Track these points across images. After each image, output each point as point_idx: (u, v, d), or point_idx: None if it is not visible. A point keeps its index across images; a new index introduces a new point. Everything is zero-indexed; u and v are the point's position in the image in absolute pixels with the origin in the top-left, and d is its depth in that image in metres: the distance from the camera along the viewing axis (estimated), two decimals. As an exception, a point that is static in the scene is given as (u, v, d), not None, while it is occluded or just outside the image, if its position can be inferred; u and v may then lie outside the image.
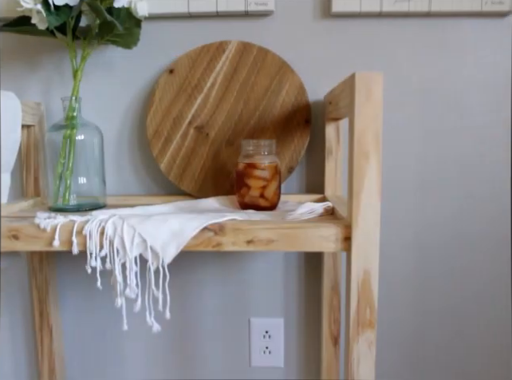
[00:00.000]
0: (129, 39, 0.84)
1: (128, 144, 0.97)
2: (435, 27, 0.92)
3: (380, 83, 0.60)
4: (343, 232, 0.64)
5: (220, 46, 0.91)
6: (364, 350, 0.64)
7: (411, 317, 1.01)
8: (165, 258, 0.63)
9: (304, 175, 0.96)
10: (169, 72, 0.92)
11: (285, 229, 0.64)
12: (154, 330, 0.66)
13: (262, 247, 0.64)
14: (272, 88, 0.90)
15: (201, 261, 1.00)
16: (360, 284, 0.63)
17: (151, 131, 0.91)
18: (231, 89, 0.91)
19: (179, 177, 0.91)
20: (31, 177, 0.94)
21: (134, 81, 0.95)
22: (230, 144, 0.90)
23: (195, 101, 0.91)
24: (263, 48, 0.91)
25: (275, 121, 0.90)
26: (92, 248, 0.64)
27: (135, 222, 0.64)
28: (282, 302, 1.00)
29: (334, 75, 0.93)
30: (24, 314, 1.04)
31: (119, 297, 0.65)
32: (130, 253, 0.63)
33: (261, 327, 1.01)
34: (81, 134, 0.85)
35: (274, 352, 1.01)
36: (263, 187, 0.79)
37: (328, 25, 0.93)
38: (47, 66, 0.97)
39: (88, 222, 0.65)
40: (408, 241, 0.98)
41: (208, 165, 0.91)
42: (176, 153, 0.91)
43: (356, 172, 0.61)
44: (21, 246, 0.66)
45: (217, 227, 0.64)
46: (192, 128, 0.91)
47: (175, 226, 0.64)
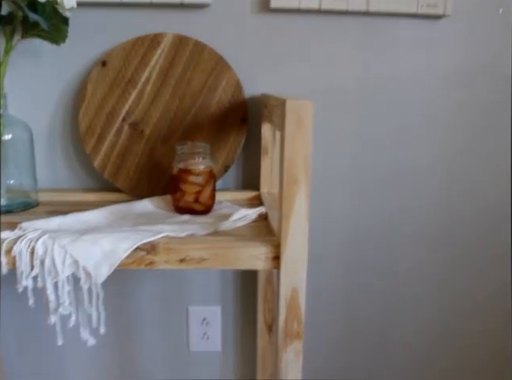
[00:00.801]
0: (56, 35, 0.80)
1: (60, 139, 0.94)
2: (373, 26, 0.92)
3: (310, 111, 0.61)
4: (272, 251, 0.66)
5: (155, 39, 0.89)
6: (292, 358, 0.68)
7: (338, 323, 1.07)
8: (98, 277, 0.64)
9: (240, 171, 0.97)
10: (102, 64, 0.88)
11: (217, 248, 0.66)
12: (89, 344, 0.67)
13: (195, 266, 0.66)
14: (208, 84, 0.89)
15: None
16: (288, 300, 0.66)
17: (84, 127, 0.89)
18: (167, 84, 0.89)
19: (114, 175, 0.90)
20: (-43, 172, 0.90)
21: (64, 73, 0.92)
22: (166, 142, 0.90)
23: (129, 96, 0.89)
24: (200, 42, 0.89)
25: (211, 119, 0.90)
26: (23, 268, 0.64)
27: (66, 242, 0.64)
28: (219, 291, 1.04)
29: (272, 71, 0.93)
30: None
31: (52, 315, 0.66)
32: (62, 273, 0.63)
33: (198, 314, 1.04)
34: (9, 133, 0.82)
35: (212, 338, 1.05)
36: (198, 192, 0.80)
37: (266, 20, 0.91)
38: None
39: (18, 242, 0.64)
40: (340, 243, 1.02)
41: (143, 163, 0.90)
42: (110, 151, 0.89)
43: (285, 197, 0.63)
44: None
45: (149, 247, 0.65)
46: (126, 124, 0.89)
47: (107, 247, 0.64)
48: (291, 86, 0.94)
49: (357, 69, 0.94)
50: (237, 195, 0.93)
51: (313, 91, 0.94)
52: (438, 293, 1.06)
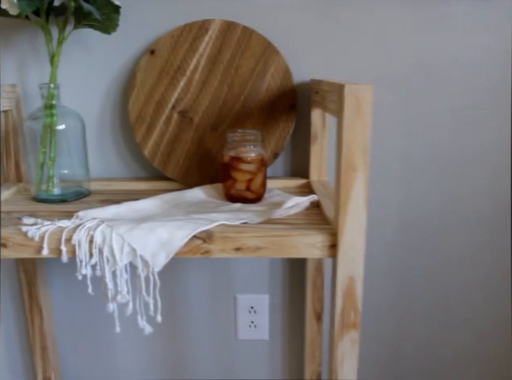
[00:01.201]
0: (108, 24, 0.80)
1: (110, 129, 0.95)
2: (428, 5, 0.89)
3: (369, 96, 0.59)
4: (329, 240, 0.65)
5: (203, 25, 0.88)
6: (348, 348, 0.68)
7: (391, 315, 1.05)
8: (155, 267, 0.64)
9: (288, 158, 0.96)
10: (150, 53, 0.88)
11: (273, 237, 0.65)
12: (146, 332, 0.68)
13: (250, 254, 0.65)
14: (257, 70, 0.88)
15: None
16: (344, 289, 0.65)
17: (134, 116, 0.89)
18: (215, 71, 0.88)
19: (164, 163, 0.90)
20: (11, 162, 0.92)
21: (113, 63, 0.92)
22: (215, 130, 0.89)
23: (178, 84, 0.88)
24: (248, 28, 0.87)
25: (260, 106, 0.89)
26: (82, 257, 0.64)
27: (124, 231, 0.64)
28: (267, 280, 1.03)
29: (321, 55, 0.91)
30: (13, 296, 1.05)
31: (110, 303, 0.66)
32: (120, 262, 0.64)
33: (246, 303, 1.04)
34: (62, 123, 0.83)
35: (260, 326, 1.05)
36: (249, 180, 0.79)
37: (316, 3, 0.89)
38: (20, 44, 0.92)
39: (77, 230, 0.65)
40: (392, 231, 1.00)
41: (193, 151, 0.90)
42: (160, 139, 0.89)
43: (343, 184, 0.62)
44: (9, 254, 0.66)
45: (205, 235, 0.65)
46: (176, 112, 0.89)
47: (164, 235, 0.64)
48: (341, 71, 0.92)
49: (412, 51, 0.91)
50: (286, 182, 0.92)
51: (364, 75, 0.92)
52: (494, 281, 1.03)
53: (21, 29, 0.91)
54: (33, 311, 1.00)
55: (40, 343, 1.02)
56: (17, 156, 0.92)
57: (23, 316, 1.07)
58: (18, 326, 1.08)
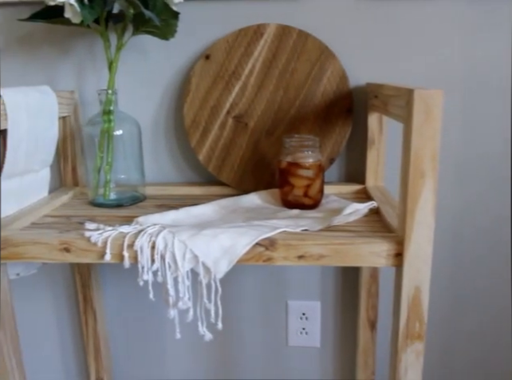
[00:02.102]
0: (166, 31, 0.81)
1: (164, 133, 0.95)
2: (483, 7, 0.86)
3: (439, 101, 0.57)
4: (394, 248, 0.63)
5: (258, 30, 0.87)
6: (412, 360, 0.66)
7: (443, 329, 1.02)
8: (217, 273, 0.64)
9: (343, 163, 0.94)
10: (205, 58, 0.88)
11: (336, 245, 0.63)
12: (206, 339, 0.67)
13: (313, 262, 0.64)
14: (313, 75, 0.87)
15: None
16: (410, 299, 0.63)
17: (189, 121, 0.89)
18: (270, 76, 0.88)
19: (219, 168, 0.90)
20: (69, 167, 0.94)
21: (168, 68, 0.92)
22: (270, 135, 0.88)
23: (233, 89, 0.88)
24: (303, 31, 0.86)
25: (316, 110, 0.88)
26: (144, 263, 0.65)
27: (186, 237, 0.64)
28: (319, 286, 1.02)
29: (377, 59, 0.89)
30: (68, 298, 1.07)
31: (171, 309, 0.66)
32: (182, 268, 0.64)
33: (298, 309, 1.03)
34: (119, 129, 0.84)
35: (311, 333, 1.04)
36: (307, 186, 0.78)
37: (372, 6, 0.87)
38: (78, 51, 0.94)
39: (139, 236, 0.65)
40: (451, 238, 0.97)
41: (247, 156, 0.89)
42: (215, 144, 0.89)
43: (410, 191, 0.60)
44: (72, 258, 0.67)
45: (268, 243, 0.64)
46: (230, 117, 0.89)
47: (226, 242, 0.63)
48: (397, 74, 0.90)
49: (467, 54, 0.88)
50: (341, 188, 0.90)
51: (420, 78, 0.89)
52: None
53: (78, 36, 0.93)
54: (87, 313, 1.01)
55: (93, 345, 1.03)
56: (74, 161, 0.93)
57: (77, 318, 1.08)
58: (72, 328, 1.09)
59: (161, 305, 1.05)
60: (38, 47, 0.94)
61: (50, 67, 0.95)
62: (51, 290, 1.08)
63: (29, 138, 0.77)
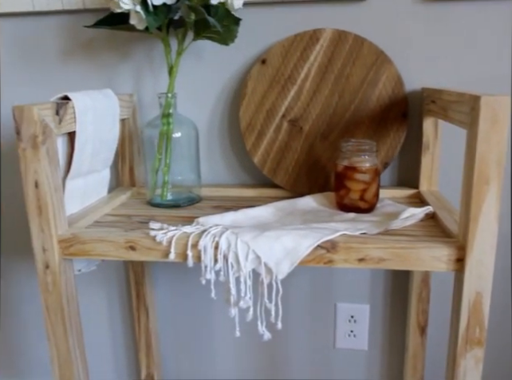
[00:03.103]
0: (226, 36, 0.82)
1: (218, 135, 0.97)
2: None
3: (507, 107, 0.57)
4: (456, 253, 0.63)
5: (314, 35, 0.88)
6: (471, 366, 0.66)
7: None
8: (279, 274, 0.65)
9: (396, 167, 0.94)
10: (261, 62, 0.90)
11: (397, 249, 0.64)
12: (265, 338, 0.69)
13: (373, 265, 0.65)
14: (368, 79, 0.88)
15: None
16: (471, 304, 0.63)
17: (245, 124, 0.91)
18: (326, 80, 0.89)
19: (273, 171, 0.91)
20: (126, 167, 0.97)
21: (224, 72, 0.94)
22: (325, 138, 0.89)
23: (289, 93, 0.89)
24: (359, 36, 0.87)
25: (371, 115, 0.88)
26: (207, 262, 0.67)
27: (249, 238, 0.65)
28: (368, 289, 1.02)
29: (433, 63, 0.89)
30: (120, 295, 1.10)
31: (232, 307, 0.68)
32: (244, 268, 0.65)
33: (346, 312, 1.03)
34: (178, 131, 0.86)
35: (359, 336, 1.04)
36: (363, 190, 0.79)
37: (429, 9, 0.87)
38: (137, 56, 0.97)
39: (202, 236, 0.67)
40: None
41: (302, 159, 0.90)
42: (270, 147, 0.91)
43: (474, 197, 0.60)
44: (137, 256, 0.70)
45: (329, 245, 0.65)
46: (286, 121, 0.90)
47: (289, 244, 0.65)
48: (453, 79, 0.89)
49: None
50: (394, 192, 0.91)
51: (478, 82, 0.89)
52: None
53: (137, 42, 0.96)
54: (139, 310, 1.04)
55: (145, 341, 1.06)
56: (131, 162, 0.96)
57: (129, 314, 1.11)
58: (124, 324, 1.13)
59: (210, 304, 1.08)
60: (99, 52, 0.98)
61: (110, 71, 0.98)
62: (104, 287, 1.11)
63: (94, 140, 0.80)
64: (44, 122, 0.68)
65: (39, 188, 0.69)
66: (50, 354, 0.76)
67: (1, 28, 0.99)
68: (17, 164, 1.07)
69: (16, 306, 1.17)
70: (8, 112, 1.03)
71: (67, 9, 0.95)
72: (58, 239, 0.71)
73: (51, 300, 0.73)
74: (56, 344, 0.75)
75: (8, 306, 1.17)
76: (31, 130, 0.66)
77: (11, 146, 1.06)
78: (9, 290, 1.16)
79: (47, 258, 0.71)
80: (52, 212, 0.70)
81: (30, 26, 0.98)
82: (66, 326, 0.74)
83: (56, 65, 0.99)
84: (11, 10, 0.96)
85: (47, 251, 0.71)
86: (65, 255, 0.72)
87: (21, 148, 0.68)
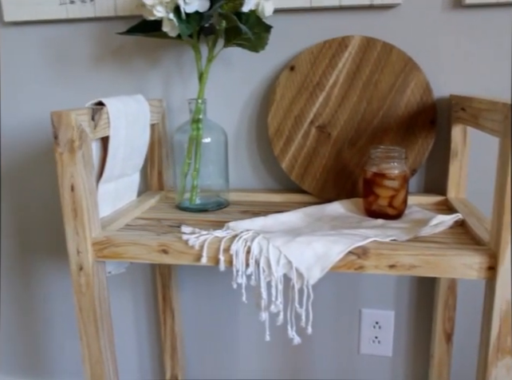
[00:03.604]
0: (257, 43, 0.84)
1: (246, 141, 0.98)
2: None
3: (543, 116, 0.57)
4: (487, 261, 0.63)
5: (343, 42, 0.89)
6: (503, 375, 0.65)
7: None
8: (310, 279, 0.66)
9: (423, 174, 0.94)
10: (290, 69, 0.91)
11: (428, 256, 0.64)
12: (295, 342, 0.69)
13: (404, 272, 0.65)
14: (396, 86, 0.88)
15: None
16: (502, 313, 0.63)
17: (273, 130, 0.92)
18: (354, 87, 0.89)
19: (301, 177, 0.92)
20: (155, 171, 0.98)
21: (252, 78, 0.95)
22: (353, 145, 0.90)
23: (317, 100, 0.90)
24: (388, 43, 0.88)
25: (399, 121, 0.88)
26: (239, 266, 0.67)
27: (281, 243, 0.66)
28: (394, 295, 1.02)
29: (462, 70, 0.89)
30: (146, 297, 1.12)
31: (263, 312, 0.69)
32: (276, 273, 0.66)
33: (371, 318, 1.04)
34: (208, 136, 0.87)
35: (383, 342, 1.04)
36: (392, 196, 0.79)
37: (459, 17, 0.88)
38: (166, 62, 0.98)
39: (234, 241, 0.68)
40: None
41: (330, 165, 0.91)
42: (298, 153, 0.91)
43: (507, 205, 0.60)
44: (170, 260, 0.71)
45: (360, 251, 0.65)
46: (314, 127, 0.91)
47: (320, 249, 0.65)
48: (481, 87, 0.89)
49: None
50: (421, 199, 0.91)
51: (506, 91, 0.89)
52: None
53: (166, 48, 0.98)
54: (166, 313, 1.06)
55: (170, 343, 1.08)
56: (160, 166, 0.98)
57: (154, 316, 1.13)
58: (149, 326, 1.14)
59: (235, 306, 1.09)
60: (129, 58, 1.00)
61: (140, 77, 1.00)
62: (130, 289, 1.13)
63: (126, 144, 0.81)
64: (80, 127, 0.69)
65: (75, 192, 0.70)
66: (82, 353, 0.77)
67: (36, 35, 1.01)
68: (46, 168, 1.09)
69: (43, 306, 1.19)
70: (40, 117, 1.06)
71: (99, 16, 0.97)
72: (92, 241, 0.73)
73: (84, 301, 0.75)
74: (88, 344, 0.77)
75: (35, 307, 1.20)
76: (68, 135, 0.68)
77: (39, 149, 1.08)
78: (36, 290, 1.18)
79: (81, 260, 0.73)
80: (86, 215, 0.71)
81: (63, 33, 1.00)
82: (98, 327, 0.75)
83: (87, 71, 1.02)
84: (45, 18, 0.99)
85: (81, 253, 0.73)
86: (99, 258, 0.73)
87: (58, 153, 0.69)
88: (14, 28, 1.02)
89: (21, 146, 1.09)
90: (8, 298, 1.21)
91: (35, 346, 1.23)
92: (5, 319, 1.23)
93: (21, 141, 1.08)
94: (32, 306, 1.20)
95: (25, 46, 1.03)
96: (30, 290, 1.19)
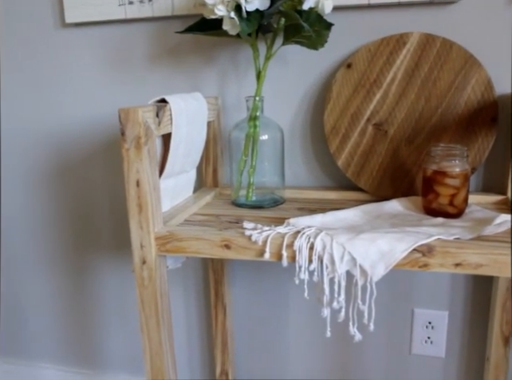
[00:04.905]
0: (316, 41, 0.84)
1: (300, 138, 0.99)
2: None
3: None
4: (559, 261, 0.62)
5: (401, 38, 0.88)
6: None
7: None
8: (373, 276, 0.66)
9: (481, 172, 0.93)
10: (347, 66, 0.91)
11: (496, 255, 0.63)
12: (356, 339, 0.69)
13: (470, 271, 0.64)
14: (456, 83, 0.87)
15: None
16: None
17: (329, 127, 0.92)
18: (412, 84, 0.88)
19: (357, 174, 0.92)
20: (210, 168, 1.00)
21: (308, 76, 0.96)
22: (410, 143, 0.89)
23: (374, 97, 0.90)
24: (448, 40, 0.87)
25: (458, 119, 0.87)
26: (302, 262, 0.68)
27: (344, 240, 0.66)
28: (448, 296, 1.01)
29: (524, 67, 0.88)
30: (197, 292, 1.13)
31: (325, 308, 0.69)
32: (339, 269, 0.66)
33: (424, 318, 1.02)
34: (264, 134, 0.88)
35: (436, 343, 1.03)
36: (453, 195, 0.78)
37: (521, 13, 0.86)
38: (221, 60, 0.99)
39: (297, 237, 0.68)
40: None
41: (386, 163, 0.90)
42: (354, 150, 0.91)
43: None
44: (232, 255, 0.72)
45: (425, 249, 0.65)
46: (370, 125, 0.90)
47: (384, 246, 0.65)
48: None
49: None
50: (479, 198, 0.89)
51: None
52: None
53: (223, 46, 0.99)
54: (217, 308, 1.07)
55: (221, 338, 1.09)
56: (215, 163, 0.99)
57: (205, 311, 1.14)
58: (199, 321, 1.16)
59: (285, 303, 1.09)
60: (185, 56, 1.01)
61: (195, 75, 1.02)
62: (181, 284, 1.15)
63: (186, 141, 0.83)
64: (146, 124, 0.71)
65: (140, 187, 0.72)
66: (143, 346, 0.79)
67: (95, 35, 1.04)
68: (103, 164, 1.12)
69: (95, 300, 1.22)
70: (98, 115, 1.08)
71: (157, 16, 0.99)
72: (155, 236, 0.74)
73: (146, 294, 0.76)
74: (149, 336, 0.78)
75: (88, 301, 1.23)
76: (135, 131, 0.70)
77: (97, 147, 1.11)
78: (90, 285, 1.21)
79: (144, 254, 0.75)
80: (151, 210, 0.73)
81: (122, 33, 1.03)
82: (159, 320, 0.77)
83: (144, 70, 1.04)
84: (105, 19, 1.01)
85: (144, 247, 0.74)
86: (161, 252, 0.75)
87: (124, 149, 0.71)
88: (75, 29, 1.05)
89: (80, 143, 1.12)
90: (63, 292, 1.24)
91: (88, 339, 1.27)
92: (60, 312, 1.27)
93: (80, 138, 1.11)
94: (86, 299, 1.23)
95: (84, 46, 1.06)
96: (84, 284, 1.22)
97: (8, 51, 1.10)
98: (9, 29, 1.09)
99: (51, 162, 1.15)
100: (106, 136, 1.10)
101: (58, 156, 1.14)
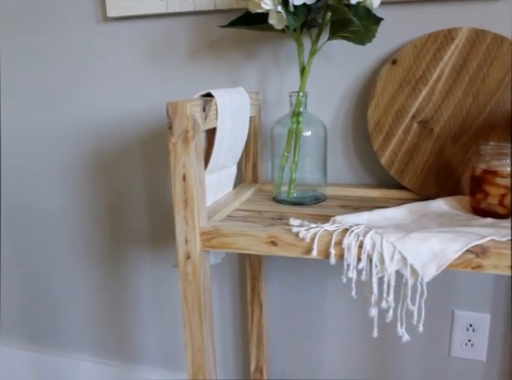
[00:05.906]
0: (364, 36, 0.82)
1: (342, 135, 0.98)
2: None
3: None
4: None
5: (449, 34, 0.86)
6: None
7: None
8: (424, 276, 0.64)
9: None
10: (392, 62, 0.89)
11: (554, 257, 0.61)
12: (404, 340, 0.68)
13: (526, 273, 0.63)
14: (506, 80, 0.85)
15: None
16: None
17: (372, 124, 0.90)
18: (460, 81, 0.86)
19: (401, 172, 0.90)
20: (250, 164, 0.99)
21: (352, 71, 0.94)
22: (456, 141, 0.87)
23: (420, 94, 0.88)
24: (499, 35, 0.84)
25: (508, 118, 0.85)
26: (350, 261, 0.67)
27: (395, 239, 0.65)
28: (490, 298, 0.99)
29: None
30: (232, 288, 1.13)
31: (372, 307, 0.68)
32: (389, 268, 0.65)
33: (465, 320, 1.01)
34: (308, 130, 0.87)
35: (477, 346, 1.01)
36: (503, 195, 0.76)
37: None
38: (263, 55, 0.99)
39: (346, 235, 0.67)
40: None
41: (431, 162, 0.89)
42: (398, 148, 0.90)
43: None
44: (279, 252, 0.71)
45: (479, 250, 0.63)
46: (415, 122, 0.89)
47: (436, 246, 0.64)
48: None
49: None
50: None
51: None
52: None
53: (264, 41, 0.98)
54: (253, 304, 1.06)
55: (256, 335, 1.08)
56: (255, 159, 0.99)
57: (240, 307, 1.14)
58: (233, 316, 1.15)
59: (321, 302, 1.08)
60: (226, 51, 1.01)
61: (236, 69, 1.01)
62: (216, 280, 1.15)
63: (230, 136, 0.82)
64: (194, 118, 0.70)
65: (186, 181, 0.72)
66: (185, 341, 0.79)
67: (136, 29, 1.04)
68: (139, 159, 1.12)
69: (131, 294, 1.23)
70: (139, 109, 1.09)
71: (198, 10, 0.99)
72: (200, 231, 0.74)
73: (189, 289, 0.76)
74: (191, 332, 0.78)
75: (123, 295, 1.24)
76: (183, 125, 0.70)
77: (135, 141, 1.11)
78: (125, 279, 1.22)
79: (189, 249, 0.74)
80: (196, 205, 0.73)
81: (163, 27, 1.03)
82: (202, 315, 0.77)
83: (185, 64, 1.04)
84: (146, 13, 1.01)
85: (189, 242, 0.74)
86: (206, 247, 0.75)
87: (172, 143, 0.71)
88: (117, 23, 1.05)
89: (118, 138, 1.12)
90: (100, 285, 1.25)
91: (122, 332, 1.27)
92: (96, 305, 1.28)
93: (119, 132, 1.12)
94: (121, 293, 1.24)
95: (125, 40, 1.06)
96: (120, 278, 1.23)
97: (50, 46, 1.11)
98: (52, 25, 1.10)
99: (90, 156, 1.16)
100: (145, 130, 1.10)
101: (97, 150, 1.15)
